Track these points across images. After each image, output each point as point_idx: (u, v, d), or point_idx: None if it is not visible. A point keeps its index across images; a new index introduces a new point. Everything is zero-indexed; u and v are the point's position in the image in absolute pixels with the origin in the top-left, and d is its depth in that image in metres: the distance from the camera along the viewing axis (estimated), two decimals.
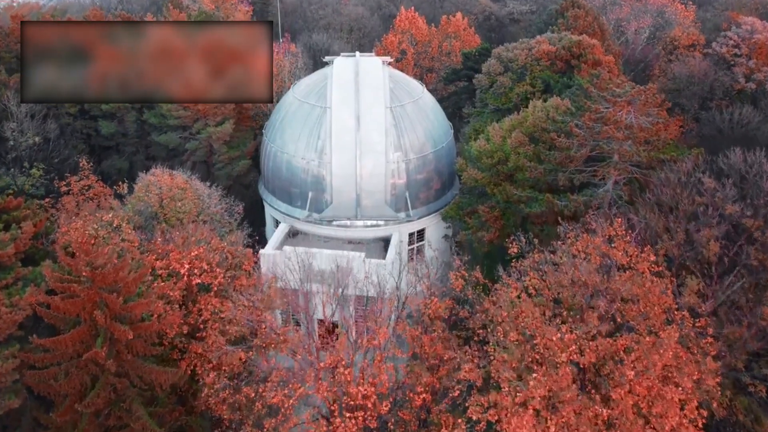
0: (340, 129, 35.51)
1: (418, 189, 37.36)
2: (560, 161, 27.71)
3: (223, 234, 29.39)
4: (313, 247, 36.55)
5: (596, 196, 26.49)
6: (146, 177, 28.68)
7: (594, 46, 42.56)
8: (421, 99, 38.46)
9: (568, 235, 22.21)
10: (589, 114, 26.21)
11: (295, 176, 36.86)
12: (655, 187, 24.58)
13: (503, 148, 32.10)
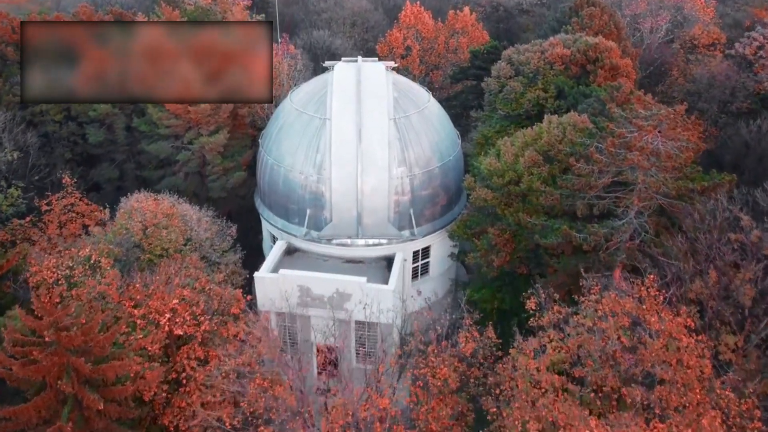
0: (340, 143, 33.21)
1: (423, 206, 35.13)
2: (579, 187, 25.41)
3: (214, 262, 27.34)
4: (312, 265, 34.55)
5: (618, 228, 24.21)
6: (129, 202, 26.53)
7: (611, 50, 39.96)
8: (426, 108, 36.07)
9: (592, 290, 19.99)
10: (612, 139, 23.83)
11: (293, 192, 34.65)
12: (686, 230, 22.38)
13: (515, 167, 29.80)
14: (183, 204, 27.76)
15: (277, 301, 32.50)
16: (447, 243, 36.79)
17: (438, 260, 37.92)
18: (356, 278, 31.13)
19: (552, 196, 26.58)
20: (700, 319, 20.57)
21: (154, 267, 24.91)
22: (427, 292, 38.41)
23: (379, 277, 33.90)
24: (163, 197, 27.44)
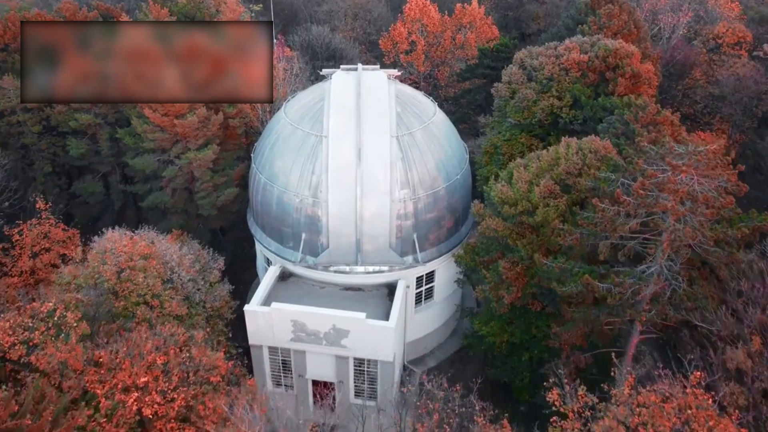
0: (337, 164, 30.50)
1: (427, 230, 32.52)
2: (601, 229, 22.73)
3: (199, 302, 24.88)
4: (307, 293, 32.17)
5: (647, 279, 21.58)
6: (102, 242, 23.98)
7: (632, 56, 36.83)
8: (432, 123, 33.22)
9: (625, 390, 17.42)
10: (643, 180, 21.07)
11: (287, 214, 32.05)
12: (723, 280, 19.73)
13: (529, 196, 27.09)
14: (162, 241, 25.14)
15: (269, 336, 30.20)
16: (453, 266, 34.19)
17: (443, 284, 35.43)
18: (355, 314, 28.69)
19: (571, 236, 23.90)
20: (743, 393, 18.07)
21: (129, 317, 22.50)
22: (431, 317, 36.11)
23: (380, 308, 31.49)
24: (141, 234, 24.86)
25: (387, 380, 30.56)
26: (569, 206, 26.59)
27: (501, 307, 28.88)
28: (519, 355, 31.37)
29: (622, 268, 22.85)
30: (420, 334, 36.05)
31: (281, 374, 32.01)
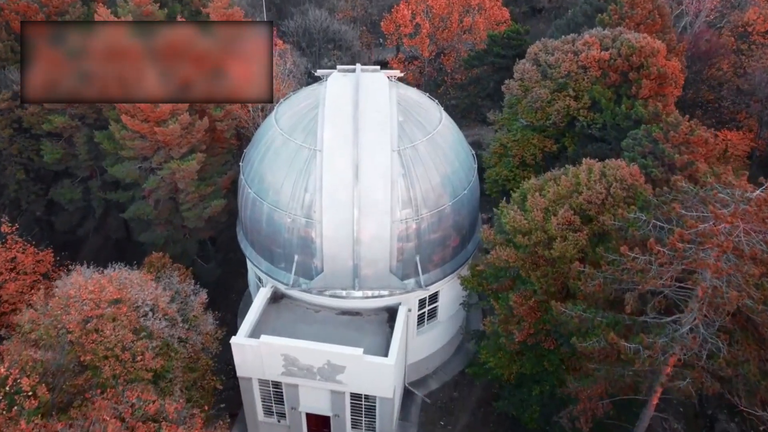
0: (333, 183, 27.63)
1: (431, 251, 29.84)
2: (629, 277, 20.02)
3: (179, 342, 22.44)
4: (301, 317, 29.79)
5: (680, 339, 18.96)
6: (65, 287, 21.35)
7: (658, 53, 33.48)
8: (437, 133, 30.17)
9: None
10: (681, 231, 18.25)
11: (278, 234, 29.35)
12: None
13: (545, 227, 24.28)
14: (135, 280, 22.46)
15: (258, 369, 27.89)
16: (458, 289, 31.62)
17: (448, 304, 32.97)
18: (351, 351, 26.26)
19: (593, 281, 21.19)
20: None
21: (96, 374, 20.06)
22: (434, 337, 33.76)
23: (380, 335, 29.09)
24: (112, 273, 22.20)
25: (386, 416, 28.37)
26: (589, 239, 23.84)
27: (510, 344, 26.43)
28: (529, 387, 29.03)
29: (651, 318, 20.21)
30: (422, 355, 33.75)
31: (273, 404, 29.84)
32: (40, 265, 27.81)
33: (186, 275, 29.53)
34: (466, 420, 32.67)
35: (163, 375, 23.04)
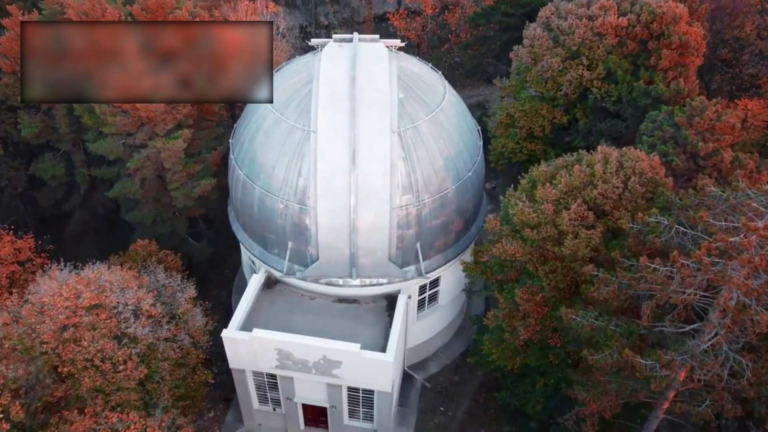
0: (328, 169, 25.74)
1: (433, 237, 28.22)
2: (647, 287, 18.47)
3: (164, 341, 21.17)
4: (296, 305, 28.56)
5: (700, 357, 17.56)
6: (40, 292, 19.77)
7: (680, 19, 30.88)
8: (441, 110, 28.01)
9: None
10: (709, 243, 16.54)
11: (270, 220, 27.68)
12: None
13: (556, 221, 22.56)
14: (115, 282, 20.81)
15: (251, 361, 26.79)
16: (460, 273, 30.18)
17: (450, 289, 31.65)
18: (347, 346, 25.02)
19: (606, 288, 19.66)
20: None
21: (77, 384, 18.82)
22: (435, 321, 32.60)
23: (378, 325, 27.88)
24: (90, 275, 20.55)
25: (384, 408, 27.46)
26: (603, 236, 22.17)
27: (515, 339, 25.17)
28: (532, 379, 28.02)
29: (668, 329, 18.78)
30: (422, 339, 32.69)
31: (267, 394, 28.92)
32: (20, 253, 26.24)
33: (174, 263, 28.01)
34: (466, 405, 31.89)
35: (150, 377, 21.86)
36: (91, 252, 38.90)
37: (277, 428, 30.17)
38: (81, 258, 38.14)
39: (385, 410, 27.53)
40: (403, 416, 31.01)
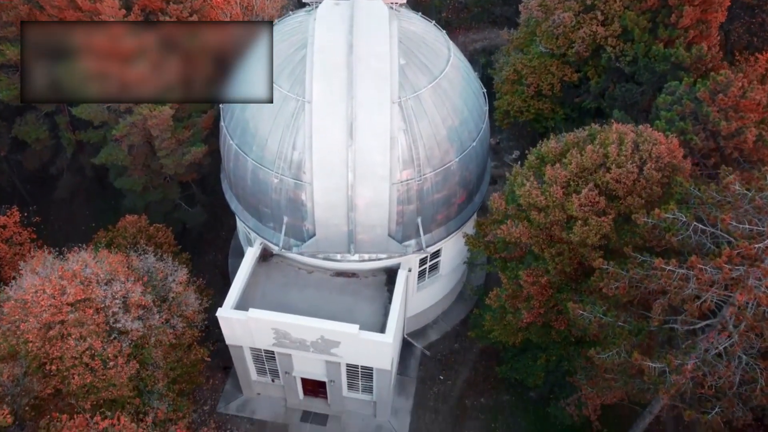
0: (324, 143, 24.26)
1: (434, 211, 27.09)
2: (660, 288, 17.55)
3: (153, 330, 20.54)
4: (293, 279, 27.89)
5: (713, 366, 16.83)
6: (23, 288, 18.77)
7: None
8: (445, 77, 26.18)
9: None
10: (730, 252, 15.44)
11: (264, 194, 26.45)
12: None
13: (565, 205, 21.36)
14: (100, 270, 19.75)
15: (248, 340, 26.31)
16: (462, 245, 29.23)
17: (450, 259, 30.84)
18: (345, 327, 24.40)
19: (617, 284, 18.73)
20: None
21: (66, 382, 18.22)
22: (435, 290, 31.99)
23: (377, 301, 27.25)
24: (74, 268, 19.40)
25: (384, 382, 27.20)
26: (614, 221, 21.02)
27: (518, 321, 24.51)
28: (534, 354, 27.64)
29: (680, 328, 18.00)
30: (423, 307, 32.19)
31: (266, 366, 28.65)
32: (4, 230, 25.20)
33: (166, 237, 27.00)
34: (466, 374, 31.75)
35: (143, 363, 21.32)
36: (82, 214, 37.98)
37: (276, 398, 30.13)
38: (71, 221, 37.39)
39: (385, 384, 27.30)
40: (402, 385, 30.91)
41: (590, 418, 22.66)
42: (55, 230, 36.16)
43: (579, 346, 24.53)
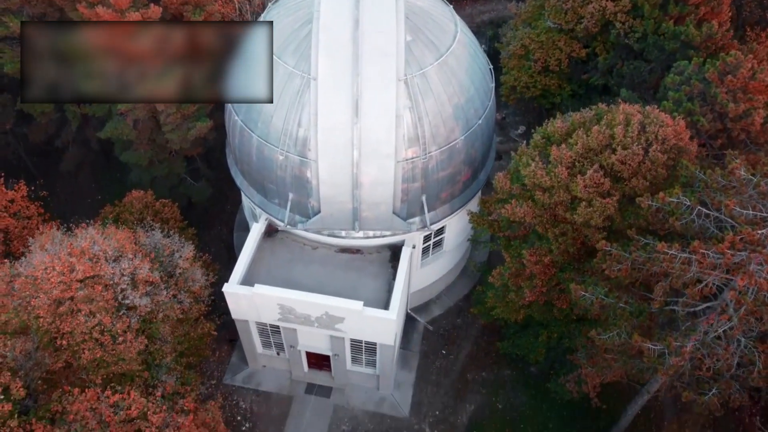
0: (330, 122, 24.21)
1: (439, 189, 27.15)
2: (662, 271, 17.71)
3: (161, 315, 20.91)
4: (298, 255, 28.18)
5: (712, 348, 17.09)
6: (33, 265, 19.01)
7: None
8: (451, 53, 25.94)
9: None
10: (733, 238, 15.54)
11: (269, 170, 26.53)
12: None
13: (570, 187, 21.39)
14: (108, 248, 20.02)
15: (253, 314, 26.72)
16: (466, 221, 29.35)
17: (455, 235, 31.01)
18: (350, 303, 24.74)
19: (619, 266, 18.89)
20: None
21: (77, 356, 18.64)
22: (439, 266, 32.26)
23: (381, 277, 27.55)
24: (82, 245, 19.59)
25: (387, 357, 27.67)
26: (618, 203, 21.07)
27: (520, 299, 24.77)
28: (535, 331, 28.01)
29: (680, 310, 18.21)
30: (426, 283, 32.50)
31: (271, 340, 29.14)
32: (12, 204, 25.43)
33: (172, 212, 27.20)
34: (468, 349, 32.22)
35: (151, 338, 21.74)
36: (88, 186, 38.17)
37: (281, 370, 30.69)
38: (77, 193, 37.59)
39: (388, 358, 27.77)
40: (405, 359, 31.43)
41: (589, 395, 23.06)
42: (62, 202, 36.41)
43: (580, 324, 24.83)
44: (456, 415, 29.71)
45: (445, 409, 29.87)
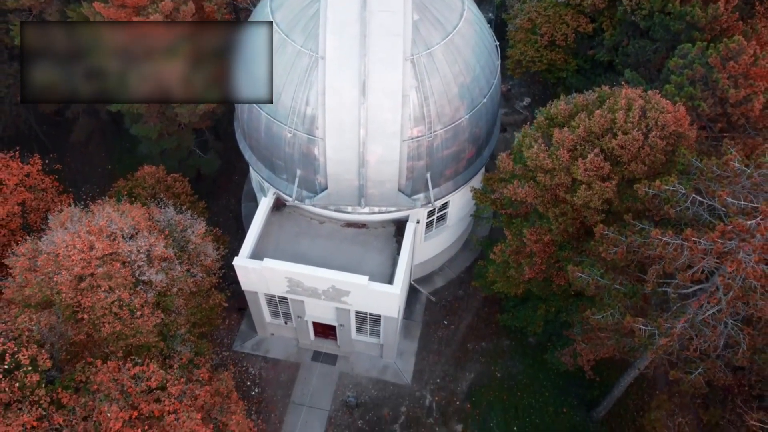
0: (337, 101, 24.65)
1: (444, 166, 27.75)
2: (656, 255, 18.48)
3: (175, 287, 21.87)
4: (305, 229, 29.04)
5: (701, 329, 17.98)
6: (55, 243, 19.81)
7: None
8: (458, 32, 26.16)
9: None
10: (724, 227, 16.23)
11: (278, 147, 27.11)
12: None
13: (571, 170, 21.98)
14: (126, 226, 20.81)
15: (263, 286, 27.73)
16: (469, 197, 30.02)
17: (458, 210, 31.76)
18: (356, 278, 25.67)
19: (615, 249, 19.66)
20: None
21: (98, 329, 19.69)
22: (442, 240, 33.10)
23: (386, 251, 28.44)
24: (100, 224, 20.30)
25: (390, 329, 28.79)
26: (617, 186, 21.69)
27: (520, 275, 25.64)
28: (534, 304, 28.99)
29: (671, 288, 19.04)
30: (429, 255, 33.42)
31: (279, 309, 30.25)
32: (28, 178, 26.18)
33: (183, 187, 27.93)
34: (469, 320, 33.31)
35: (166, 309, 22.77)
36: (99, 156, 38.83)
37: (289, 338, 31.92)
38: (88, 163, 38.29)
39: (391, 329, 28.88)
40: (408, 329, 32.59)
41: (584, 368, 24.14)
42: (73, 172, 37.16)
43: (578, 299, 25.77)
44: (456, 382, 30.99)
45: (446, 376, 31.14)
